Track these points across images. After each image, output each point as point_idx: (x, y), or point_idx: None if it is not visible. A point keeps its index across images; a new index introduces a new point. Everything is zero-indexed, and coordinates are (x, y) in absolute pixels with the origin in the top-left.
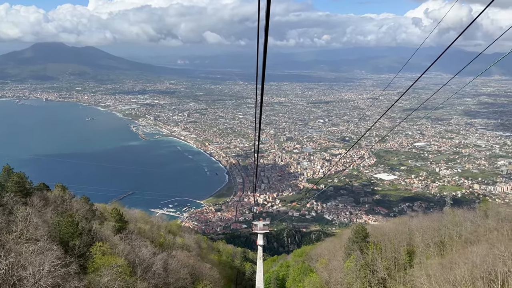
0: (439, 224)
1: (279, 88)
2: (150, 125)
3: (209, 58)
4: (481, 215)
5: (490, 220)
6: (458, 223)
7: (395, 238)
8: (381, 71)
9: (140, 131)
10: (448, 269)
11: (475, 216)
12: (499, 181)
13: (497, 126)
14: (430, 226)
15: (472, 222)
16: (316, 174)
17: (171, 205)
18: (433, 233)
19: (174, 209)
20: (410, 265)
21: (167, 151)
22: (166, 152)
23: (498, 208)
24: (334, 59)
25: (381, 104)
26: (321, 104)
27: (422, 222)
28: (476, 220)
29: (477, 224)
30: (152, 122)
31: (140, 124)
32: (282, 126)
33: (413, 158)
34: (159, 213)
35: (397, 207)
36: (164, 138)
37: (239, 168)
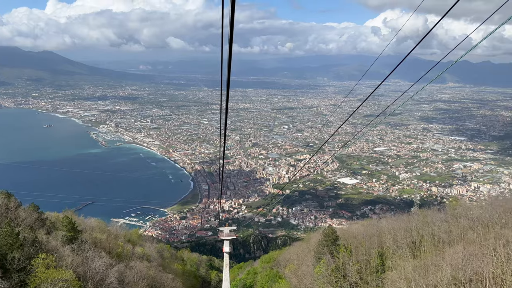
0: (410, 225)
1: (244, 94)
2: (111, 132)
3: (173, 63)
4: (452, 214)
5: (462, 220)
6: (430, 223)
7: (366, 241)
8: (342, 78)
9: (100, 138)
10: (428, 271)
11: (446, 216)
12: (455, 184)
13: (452, 131)
14: (401, 227)
15: (444, 221)
16: (282, 180)
17: (134, 214)
18: (404, 234)
19: (137, 218)
20: (382, 267)
21: (130, 158)
22: (128, 159)
23: (468, 207)
24: (298, 66)
25: (343, 111)
26: (286, 110)
27: (391, 224)
28: (447, 219)
29: (450, 224)
30: (113, 128)
31: (101, 131)
32: (247, 132)
33: (374, 163)
34: (121, 222)
35: (359, 210)
36: (126, 145)
37: (204, 175)
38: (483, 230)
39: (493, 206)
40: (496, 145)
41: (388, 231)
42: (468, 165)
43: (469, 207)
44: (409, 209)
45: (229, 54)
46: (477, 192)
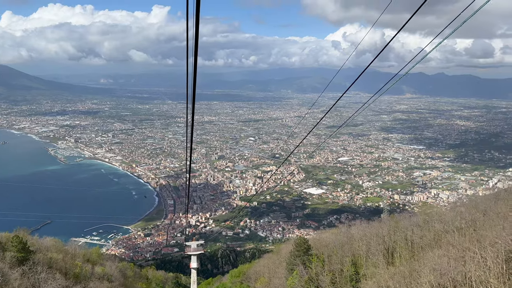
0: (382, 231)
1: (210, 107)
2: (70, 147)
3: (135, 77)
4: (424, 219)
5: (436, 224)
6: (403, 228)
7: (338, 249)
8: (306, 90)
9: (59, 154)
10: (408, 278)
11: (418, 221)
12: (416, 191)
13: (411, 140)
14: (373, 234)
15: (417, 226)
16: (249, 192)
17: (96, 233)
18: (377, 240)
19: (99, 236)
20: (356, 276)
21: (90, 174)
22: (89, 176)
23: (440, 211)
24: (262, 79)
25: (307, 122)
26: (251, 122)
27: (363, 231)
28: (420, 224)
29: (422, 228)
30: (73, 144)
31: (60, 147)
32: (213, 145)
33: (339, 172)
34: (82, 242)
35: (326, 220)
36: (86, 161)
37: (169, 190)
38: (458, 233)
39: (455, 210)
40: (453, 153)
41: (360, 238)
42: (428, 172)
43: (440, 211)
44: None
45: (194, 67)
46: (437, 198)
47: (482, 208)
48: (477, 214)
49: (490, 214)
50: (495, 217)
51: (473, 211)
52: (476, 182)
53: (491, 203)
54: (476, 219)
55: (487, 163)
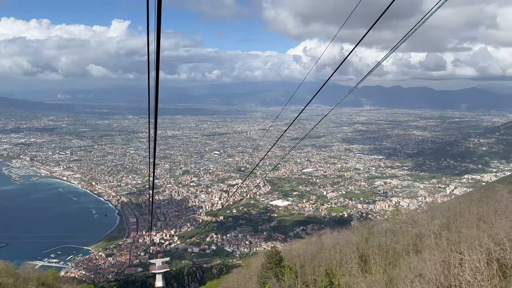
0: (355, 238)
1: (173, 121)
2: (26, 166)
3: (94, 92)
4: (396, 223)
5: (411, 228)
6: (376, 234)
7: (312, 259)
8: (269, 104)
9: (13, 173)
10: (391, 285)
11: (392, 226)
12: (377, 200)
13: (371, 151)
14: (347, 241)
15: (390, 231)
16: (215, 206)
17: (54, 255)
18: (351, 248)
19: (57, 258)
20: (331, 286)
21: (47, 194)
22: (46, 195)
23: (412, 215)
24: (226, 93)
25: (272, 134)
26: (216, 136)
27: (335, 239)
28: (393, 229)
29: (397, 233)
30: (28, 163)
31: (14, 166)
32: (177, 160)
33: (303, 184)
34: (39, 265)
35: (292, 232)
36: (43, 180)
37: (132, 207)
38: (435, 236)
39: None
40: (411, 162)
41: (333, 247)
42: (388, 181)
43: (412, 215)
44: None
45: (156, 81)
46: (397, 206)
47: (457, 211)
48: (451, 216)
49: (466, 216)
50: (473, 218)
51: (446, 214)
52: (434, 189)
53: (465, 205)
54: (451, 222)
55: (443, 171)
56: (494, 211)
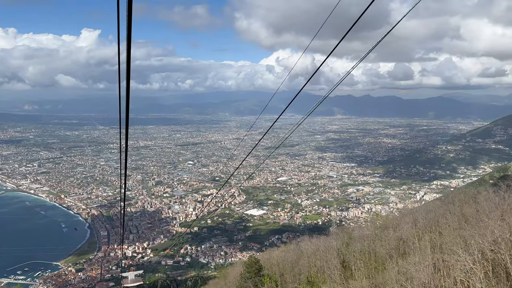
0: (337, 244)
1: (145, 131)
2: None
3: (63, 102)
4: (376, 228)
5: (392, 232)
6: (358, 239)
7: (292, 267)
8: (243, 113)
9: None
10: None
11: (373, 230)
12: (351, 207)
13: (343, 158)
14: (328, 247)
15: (375, 236)
16: (189, 217)
17: (20, 271)
18: (332, 254)
19: (24, 275)
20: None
21: (13, 208)
22: (12, 209)
23: (391, 219)
24: (199, 102)
25: (246, 144)
26: (190, 146)
27: (315, 245)
28: (376, 233)
29: (379, 237)
30: None
31: None
32: (150, 171)
33: (278, 192)
34: (4, 282)
35: (268, 241)
36: (9, 194)
37: (103, 220)
38: (418, 239)
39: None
40: (382, 169)
41: (313, 254)
42: (360, 188)
43: (391, 219)
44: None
45: (127, 90)
46: (370, 213)
47: (440, 213)
48: (432, 219)
49: (447, 218)
50: (456, 220)
51: (428, 216)
52: (405, 195)
53: (447, 207)
54: (431, 224)
55: (413, 177)
56: (475, 211)
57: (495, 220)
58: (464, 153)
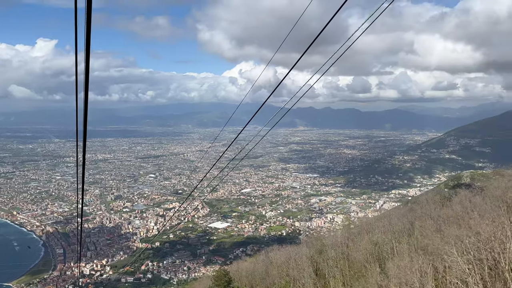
0: (309, 252)
1: (104, 144)
2: None
3: (16, 114)
4: (350, 234)
5: (366, 237)
6: (331, 246)
7: (262, 277)
8: (206, 125)
9: None
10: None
11: (347, 237)
12: (314, 217)
13: (306, 169)
14: (301, 255)
15: (351, 241)
16: (150, 232)
17: None
18: (306, 262)
19: None
20: None
21: None
22: None
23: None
24: (161, 114)
25: (210, 156)
26: (151, 158)
27: (286, 254)
28: (353, 239)
29: (354, 243)
30: None
31: None
32: (109, 185)
33: (242, 204)
34: None
35: (232, 254)
36: None
37: (58, 237)
38: (397, 241)
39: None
40: (343, 179)
41: (285, 262)
42: (323, 198)
43: (365, 223)
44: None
45: (85, 102)
46: (332, 222)
47: (417, 215)
48: (407, 223)
49: (425, 220)
50: (433, 223)
51: (403, 220)
52: (365, 205)
53: (424, 210)
54: (408, 228)
55: (373, 187)
56: (454, 214)
57: (477, 219)
58: (420, 163)
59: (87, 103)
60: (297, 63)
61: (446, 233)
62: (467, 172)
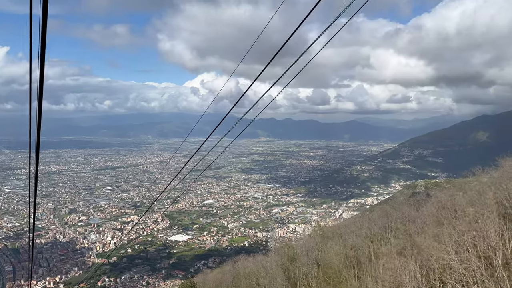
0: (281, 260)
1: (58, 155)
2: None
3: None
4: (322, 241)
5: (340, 240)
6: (301, 254)
7: (232, 287)
8: (167, 135)
9: None
10: None
11: (317, 244)
12: (276, 227)
13: (268, 180)
14: (272, 264)
15: (320, 245)
16: (107, 247)
17: None
18: (277, 270)
19: None
20: None
21: None
22: None
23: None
24: (119, 124)
25: (170, 167)
26: (108, 170)
27: (257, 263)
28: (319, 247)
29: (326, 249)
30: None
31: None
32: (63, 198)
33: (204, 216)
34: None
35: (193, 267)
36: None
37: (7, 254)
38: (374, 243)
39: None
40: (304, 189)
41: (256, 272)
42: (285, 208)
43: (336, 228)
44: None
45: (39, 111)
46: (294, 232)
47: (393, 218)
48: (382, 227)
49: (402, 222)
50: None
51: (379, 222)
52: (325, 214)
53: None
54: (381, 232)
55: (332, 196)
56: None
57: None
58: (377, 173)
59: (40, 113)
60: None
61: (430, 233)
62: (421, 181)
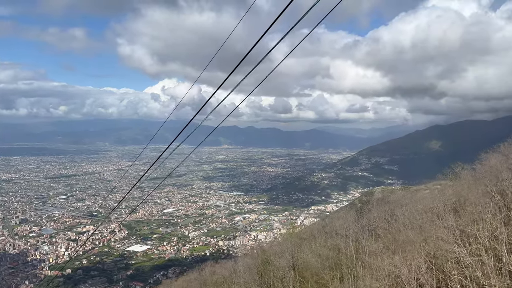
0: (255, 263)
1: (8, 163)
2: None
3: None
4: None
5: (324, 242)
6: (277, 255)
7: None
8: (125, 142)
9: None
10: None
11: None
12: (238, 235)
13: (230, 187)
14: (246, 268)
15: (299, 248)
16: (61, 258)
17: None
18: (250, 275)
19: None
20: None
21: None
22: None
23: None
24: (75, 131)
25: (129, 175)
26: (62, 178)
27: (229, 269)
28: (295, 249)
29: (305, 254)
30: None
31: None
32: (13, 207)
33: (164, 225)
34: None
35: (152, 278)
36: None
37: None
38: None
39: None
40: (266, 197)
41: (227, 277)
42: (247, 216)
43: (310, 231)
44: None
45: None
46: (256, 240)
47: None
48: (359, 227)
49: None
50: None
51: (361, 222)
52: (287, 221)
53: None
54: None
55: (294, 203)
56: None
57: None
58: (336, 180)
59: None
60: (221, 81)
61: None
62: (378, 188)
